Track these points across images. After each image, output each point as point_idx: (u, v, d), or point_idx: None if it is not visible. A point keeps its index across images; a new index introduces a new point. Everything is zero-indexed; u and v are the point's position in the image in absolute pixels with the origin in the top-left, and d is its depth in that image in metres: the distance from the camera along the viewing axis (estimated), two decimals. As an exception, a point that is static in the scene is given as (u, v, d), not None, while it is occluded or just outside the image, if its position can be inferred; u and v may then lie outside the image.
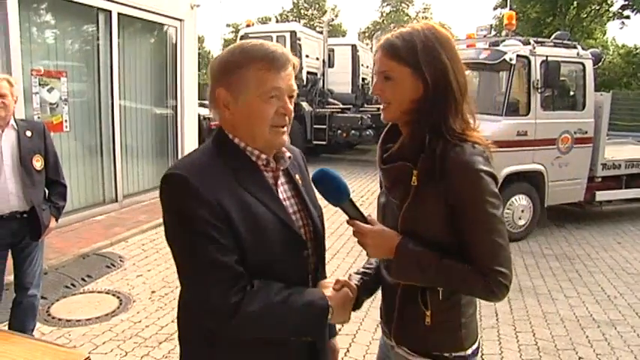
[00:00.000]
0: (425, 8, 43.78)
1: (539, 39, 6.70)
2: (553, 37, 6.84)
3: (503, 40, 6.72)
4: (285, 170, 1.41)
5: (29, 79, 5.46)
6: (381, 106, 1.42)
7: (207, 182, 1.19)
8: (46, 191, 3.29)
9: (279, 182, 1.38)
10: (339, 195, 1.36)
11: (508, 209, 6.18)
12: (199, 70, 11.31)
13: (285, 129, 1.32)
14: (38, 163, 3.13)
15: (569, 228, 7.02)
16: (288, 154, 1.39)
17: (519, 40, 6.60)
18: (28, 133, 3.12)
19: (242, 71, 1.25)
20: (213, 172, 1.23)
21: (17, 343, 1.92)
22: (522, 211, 6.28)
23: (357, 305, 1.43)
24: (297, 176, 1.43)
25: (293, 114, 1.34)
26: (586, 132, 6.52)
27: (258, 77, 1.24)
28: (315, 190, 1.42)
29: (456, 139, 1.31)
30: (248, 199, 1.25)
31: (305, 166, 1.55)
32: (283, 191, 1.38)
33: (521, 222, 6.32)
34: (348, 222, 1.39)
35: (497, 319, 4.07)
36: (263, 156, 1.32)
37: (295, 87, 1.32)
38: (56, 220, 3.31)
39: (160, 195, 1.23)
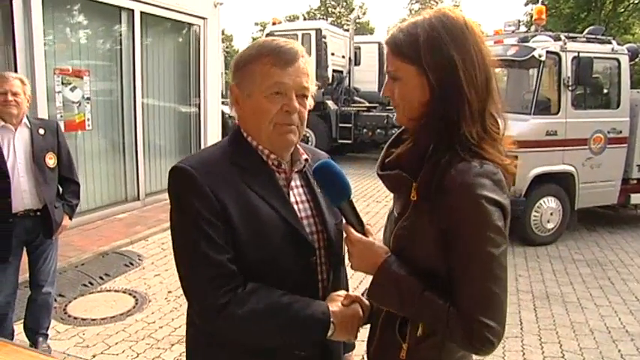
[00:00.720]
0: (455, 5, 43.13)
1: (571, 34, 6.43)
2: (586, 32, 6.55)
3: (533, 36, 6.46)
4: (303, 173, 1.36)
5: (52, 77, 5.51)
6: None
7: (210, 178, 1.18)
8: (60, 189, 3.30)
9: (292, 184, 1.32)
10: (338, 193, 1.23)
11: (536, 212, 5.95)
12: (226, 69, 11.34)
13: (293, 128, 1.25)
14: (51, 160, 3.14)
15: (601, 232, 6.72)
16: (304, 156, 1.35)
17: (550, 36, 6.34)
18: (41, 131, 3.14)
19: (250, 66, 1.24)
20: (219, 169, 1.22)
21: None
22: (551, 213, 6.03)
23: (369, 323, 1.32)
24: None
25: (305, 114, 1.27)
26: (620, 131, 6.23)
27: (264, 72, 1.22)
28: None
29: (466, 152, 1.09)
30: (252, 198, 1.22)
31: None
32: (297, 194, 1.33)
33: (550, 225, 6.07)
34: (343, 226, 1.26)
35: (521, 328, 3.89)
36: (273, 156, 1.29)
37: (308, 84, 1.25)
38: (70, 218, 3.33)
39: (167, 188, 1.24)
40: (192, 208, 1.16)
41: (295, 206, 1.31)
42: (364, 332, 1.33)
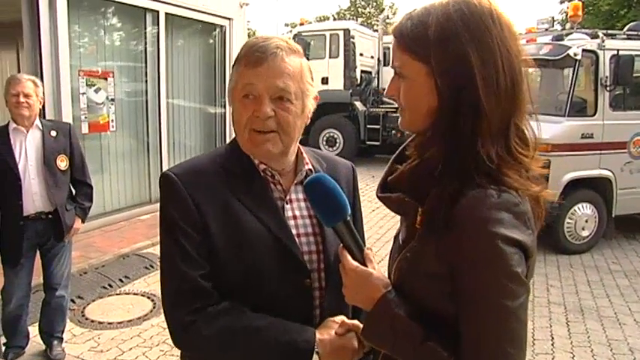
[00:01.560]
0: (487, 3, 42.22)
1: (610, 31, 6.10)
2: (626, 28, 6.21)
3: (568, 34, 6.16)
4: None
5: (77, 79, 5.54)
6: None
7: (194, 186, 1.12)
8: (73, 191, 3.28)
9: (291, 197, 1.20)
10: (331, 213, 1.06)
11: (570, 219, 5.65)
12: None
13: (269, 136, 1.12)
14: (63, 163, 3.11)
15: (641, 241, 6.35)
16: (308, 166, 1.22)
17: (586, 34, 6.03)
18: (53, 133, 3.12)
19: (234, 68, 1.16)
20: (207, 177, 1.15)
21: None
22: (586, 220, 5.72)
23: (371, 355, 1.16)
24: None
25: (288, 118, 1.11)
26: (663, 134, 5.86)
27: (237, 74, 1.14)
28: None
29: (482, 177, 0.88)
30: (237, 210, 1.12)
31: (354, 183, 1.34)
32: (295, 208, 1.21)
33: (585, 233, 5.76)
34: (339, 250, 1.08)
35: (552, 344, 3.66)
36: (262, 166, 1.17)
37: (286, 85, 1.09)
38: (82, 221, 3.30)
39: None
40: (171, 218, 1.12)
41: (292, 221, 1.19)
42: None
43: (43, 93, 3.17)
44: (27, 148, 3.01)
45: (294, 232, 1.18)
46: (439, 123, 0.93)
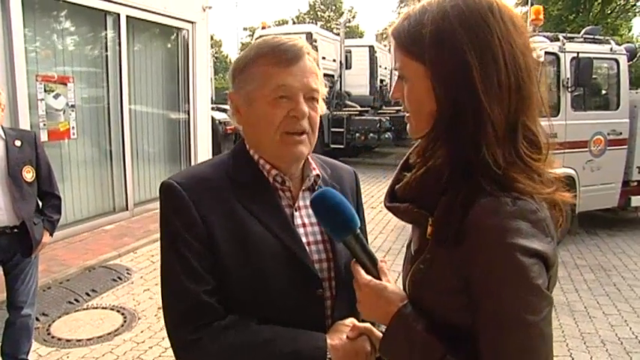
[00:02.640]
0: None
1: (569, 35, 6.32)
2: (583, 32, 6.46)
3: (530, 37, 6.33)
4: (315, 191, 1.16)
5: (34, 85, 5.28)
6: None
7: (198, 195, 1.06)
8: (40, 204, 3.09)
9: (299, 204, 1.15)
10: (340, 227, 1.02)
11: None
12: (216, 74, 11.15)
13: (303, 138, 1.09)
14: (29, 174, 2.94)
15: (602, 236, 6.59)
16: (315, 171, 1.17)
17: (546, 37, 6.23)
18: (18, 143, 2.93)
19: (250, 69, 1.09)
20: (212, 185, 1.09)
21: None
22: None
23: None
24: None
25: (316, 119, 1.11)
26: (620, 133, 6.14)
27: (263, 74, 1.07)
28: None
29: (491, 184, 0.83)
30: (246, 220, 1.06)
31: (357, 188, 1.31)
32: (304, 216, 1.16)
33: (551, 230, 5.91)
34: (352, 265, 1.03)
35: (530, 341, 3.72)
36: (274, 172, 1.12)
37: (316, 86, 1.09)
38: (50, 235, 3.11)
39: None
40: (174, 229, 1.05)
41: (302, 229, 1.14)
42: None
43: (7, 99, 2.96)
44: None
45: (303, 240, 1.13)
46: (439, 128, 0.88)
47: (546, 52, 5.67)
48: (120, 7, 6.31)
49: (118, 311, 4.16)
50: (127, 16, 6.44)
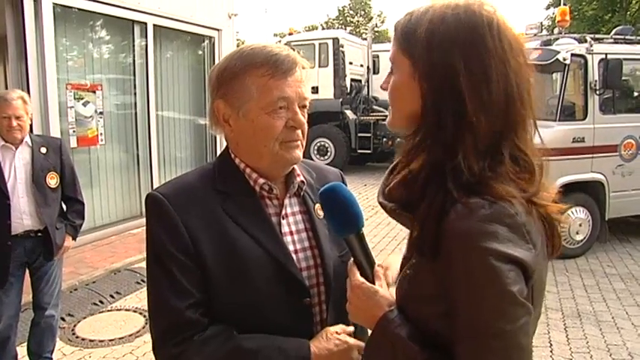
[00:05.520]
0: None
1: (598, 35, 6.15)
2: (613, 32, 6.27)
3: (556, 39, 6.20)
4: (302, 197, 1.18)
5: (64, 92, 5.47)
6: None
7: (184, 207, 1.06)
8: (64, 208, 3.20)
9: (285, 212, 1.16)
10: (345, 223, 1.02)
11: (564, 223, 5.63)
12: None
13: (298, 144, 1.11)
14: (53, 180, 3.04)
15: (635, 243, 6.35)
16: (299, 178, 1.17)
17: (574, 38, 6.08)
18: (43, 150, 3.04)
19: (241, 79, 1.07)
20: (197, 196, 1.09)
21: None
22: (580, 224, 5.72)
23: None
24: (317, 206, 1.18)
25: (306, 126, 1.13)
26: (653, 137, 5.89)
27: (261, 86, 1.07)
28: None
29: (463, 189, 0.81)
30: (231, 230, 1.06)
31: None
32: (292, 223, 1.16)
33: (579, 237, 5.75)
34: (349, 265, 1.04)
35: (551, 351, 3.62)
36: (261, 180, 1.12)
37: (308, 94, 1.11)
38: (73, 239, 3.22)
39: None
40: (159, 241, 1.06)
41: (289, 237, 1.15)
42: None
43: (41, 106, 3.09)
44: (16, 166, 2.93)
45: (291, 248, 1.14)
46: (421, 129, 0.88)
47: (573, 55, 5.53)
48: (147, 17, 6.46)
49: (141, 313, 4.25)
50: (154, 25, 6.59)
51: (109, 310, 4.34)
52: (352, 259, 1.03)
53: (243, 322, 1.06)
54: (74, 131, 5.58)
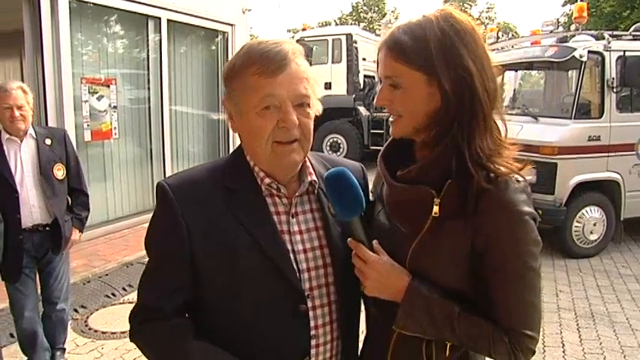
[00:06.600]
0: (489, 8, 42.18)
1: (615, 32, 6.04)
2: (632, 29, 6.14)
3: (573, 36, 6.11)
4: (316, 195, 1.16)
5: (79, 87, 5.52)
6: (390, 119, 1.17)
7: (186, 199, 1.08)
8: (69, 200, 3.17)
9: (295, 210, 1.13)
10: (349, 206, 1.09)
11: (578, 222, 5.58)
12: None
13: (294, 146, 1.07)
14: (60, 172, 3.02)
15: (651, 244, 6.25)
16: (311, 177, 1.14)
17: (591, 35, 5.98)
18: (48, 141, 3.01)
19: (239, 78, 1.07)
20: (203, 190, 1.10)
21: None
22: (594, 224, 5.64)
23: None
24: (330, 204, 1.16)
25: (309, 125, 1.09)
26: (671, 136, 5.78)
27: (252, 84, 1.05)
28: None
29: (489, 169, 1.05)
30: (231, 228, 1.06)
31: (365, 184, 1.29)
32: (302, 222, 1.14)
33: (593, 237, 5.68)
34: (349, 242, 1.11)
35: (563, 351, 3.59)
36: (267, 180, 1.10)
37: (307, 90, 1.06)
38: (80, 232, 3.19)
39: None
40: (157, 228, 1.12)
41: (298, 236, 1.12)
42: None
43: (43, 98, 3.08)
44: (22, 159, 2.90)
45: (299, 247, 1.12)
46: (444, 122, 1.06)
47: (590, 52, 5.44)
48: (161, 11, 6.50)
49: (152, 306, 4.29)
50: (168, 20, 6.62)
51: (121, 303, 4.38)
52: (350, 238, 1.10)
53: (233, 320, 1.08)
54: (88, 125, 5.63)
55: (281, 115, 1.04)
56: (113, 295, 4.50)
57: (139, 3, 6.13)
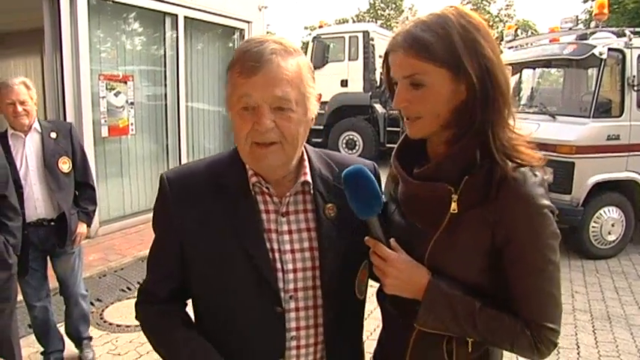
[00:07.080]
0: (507, 5, 41.63)
1: (638, 29, 5.91)
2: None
3: (593, 33, 6.00)
4: (313, 195, 1.14)
5: (97, 83, 5.60)
6: (406, 120, 1.13)
7: (182, 197, 1.12)
8: (76, 194, 3.18)
9: (286, 209, 1.12)
10: (367, 204, 1.09)
11: (595, 222, 5.48)
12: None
13: (272, 148, 1.04)
14: (65, 165, 3.01)
15: (672, 245, 6.12)
16: (303, 178, 1.12)
17: (612, 32, 5.86)
18: (53, 135, 3.01)
19: (229, 74, 1.08)
20: (197, 185, 1.13)
21: None
22: (612, 224, 5.54)
23: None
24: (328, 205, 1.14)
25: (290, 129, 1.04)
26: (694, 135, 5.64)
27: (234, 82, 1.05)
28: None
29: (512, 158, 1.08)
30: (217, 224, 1.09)
31: (377, 181, 1.26)
32: (292, 222, 1.13)
33: (611, 237, 5.58)
34: (367, 240, 1.10)
35: (578, 353, 3.53)
36: (254, 178, 1.10)
37: (286, 93, 1.01)
38: (88, 226, 3.21)
39: None
40: (156, 217, 1.19)
41: (287, 236, 1.11)
42: None
43: (62, 94, 3.12)
44: (27, 154, 2.92)
45: (287, 247, 1.11)
46: (470, 115, 1.07)
47: (610, 49, 5.34)
48: (178, 9, 6.56)
49: (166, 300, 4.34)
50: (185, 17, 6.69)
51: (135, 297, 4.42)
52: (368, 237, 1.10)
53: (216, 308, 1.13)
54: (105, 121, 5.72)
55: (256, 118, 1.01)
56: (128, 289, 4.57)
57: (157, 0, 6.19)
